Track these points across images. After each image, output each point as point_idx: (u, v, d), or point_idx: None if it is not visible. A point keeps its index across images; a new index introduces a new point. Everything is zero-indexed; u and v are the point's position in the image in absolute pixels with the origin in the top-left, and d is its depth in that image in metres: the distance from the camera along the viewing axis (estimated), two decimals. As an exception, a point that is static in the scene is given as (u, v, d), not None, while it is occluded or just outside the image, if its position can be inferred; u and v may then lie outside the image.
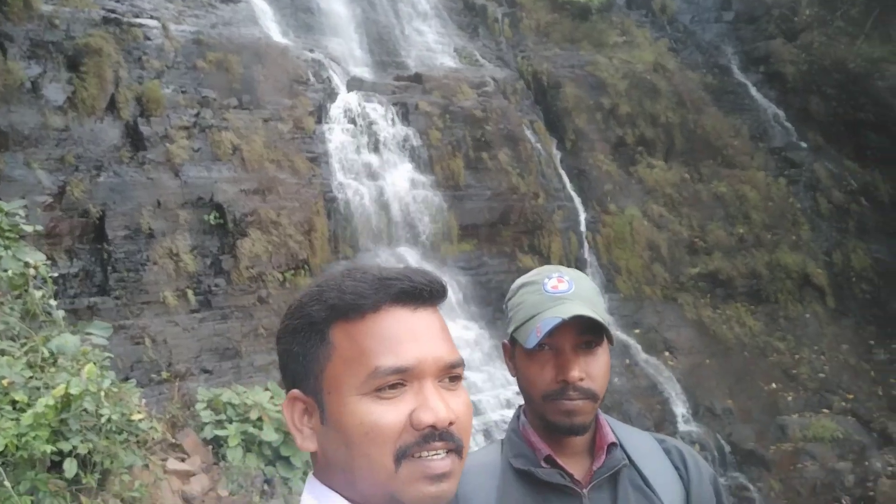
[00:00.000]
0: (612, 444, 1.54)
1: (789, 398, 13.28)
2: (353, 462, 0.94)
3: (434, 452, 0.94)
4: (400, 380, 0.95)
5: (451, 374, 1.00)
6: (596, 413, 1.58)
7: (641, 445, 1.61)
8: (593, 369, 1.49)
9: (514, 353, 1.58)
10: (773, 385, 13.44)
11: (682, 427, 12.27)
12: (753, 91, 17.99)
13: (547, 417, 1.50)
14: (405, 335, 0.96)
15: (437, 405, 0.94)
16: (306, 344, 0.99)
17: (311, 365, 0.99)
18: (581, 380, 1.46)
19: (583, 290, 1.54)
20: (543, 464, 1.50)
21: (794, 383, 13.57)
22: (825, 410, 13.06)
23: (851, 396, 13.46)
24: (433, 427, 0.93)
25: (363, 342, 0.95)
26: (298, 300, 1.03)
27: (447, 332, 1.03)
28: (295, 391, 1.01)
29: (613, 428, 1.58)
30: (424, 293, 1.00)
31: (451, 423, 0.95)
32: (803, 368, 13.80)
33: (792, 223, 15.75)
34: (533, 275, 1.60)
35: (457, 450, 0.96)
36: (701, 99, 16.75)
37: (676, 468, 1.60)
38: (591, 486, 1.49)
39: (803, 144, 17.09)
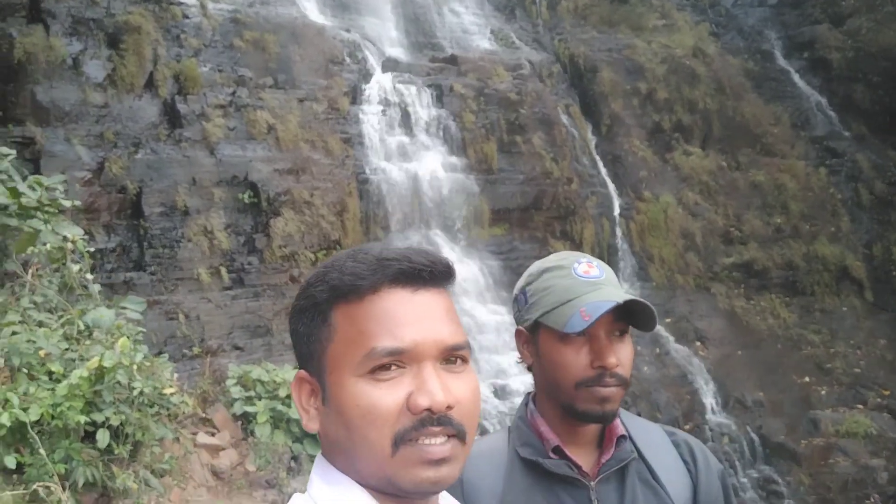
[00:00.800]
0: (622, 437, 1.52)
1: (822, 392, 13.06)
2: (353, 443, 0.94)
3: (433, 438, 0.93)
4: (397, 361, 0.94)
5: (454, 355, 0.98)
6: None
7: (650, 438, 1.59)
8: (623, 356, 1.48)
9: (537, 340, 1.54)
10: (806, 378, 13.23)
11: (710, 418, 12.15)
12: (796, 78, 17.58)
13: (576, 406, 1.47)
14: (403, 317, 0.95)
15: (434, 388, 0.93)
16: (310, 325, 1.00)
17: (314, 346, 0.99)
18: (616, 366, 1.45)
19: (612, 278, 1.53)
20: (552, 454, 1.49)
21: (827, 377, 13.34)
22: (859, 406, 12.83)
23: (887, 392, 13.19)
24: (430, 411, 0.92)
25: (361, 323, 0.95)
26: (306, 282, 1.03)
27: (453, 314, 1.01)
28: (302, 372, 1.02)
29: (623, 420, 1.57)
30: (424, 274, 0.98)
31: (449, 408, 0.93)
32: (838, 362, 13.55)
33: (832, 214, 15.41)
34: (556, 259, 1.57)
35: (458, 435, 0.94)
36: (741, 85, 16.41)
37: (685, 462, 1.58)
38: (598, 478, 1.48)
39: (846, 134, 16.68)
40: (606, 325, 1.46)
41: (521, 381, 10.85)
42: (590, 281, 1.49)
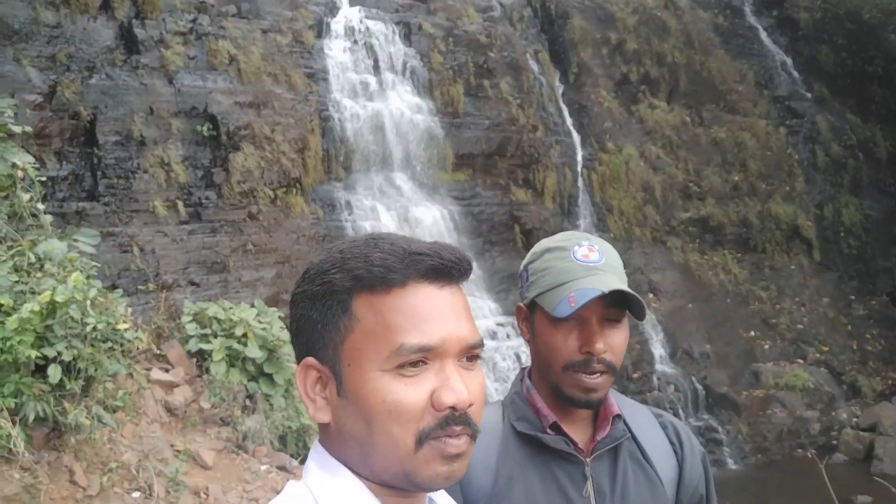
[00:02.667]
0: (617, 416, 1.54)
1: (766, 346, 13.54)
2: (373, 438, 0.93)
3: (453, 434, 0.93)
4: (423, 358, 0.93)
5: (471, 353, 0.98)
6: None
7: (640, 419, 1.62)
8: (615, 343, 1.48)
9: (533, 318, 1.55)
10: (752, 333, 13.68)
11: (658, 367, 12.53)
12: (764, 36, 17.63)
13: (562, 389, 1.49)
14: (431, 313, 0.94)
15: (459, 386, 0.93)
16: (326, 312, 0.96)
17: (330, 334, 0.96)
18: (604, 352, 1.46)
19: (613, 262, 1.52)
20: (549, 430, 1.51)
21: (772, 332, 13.82)
22: (799, 360, 13.36)
23: (826, 349, 13.74)
24: (453, 408, 0.93)
25: (389, 317, 0.93)
26: (317, 266, 0.98)
27: (469, 311, 1.01)
28: (310, 359, 0.98)
29: (615, 399, 1.59)
30: (454, 272, 0.97)
31: (470, 405, 0.94)
32: (783, 318, 14.03)
33: (787, 174, 15.71)
34: (559, 240, 1.56)
35: (473, 433, 0.96)
36: (710, 40, 16.41)
37: (671, 443, 1.61)
38: (593, 455, 1.51)
39: (808, 95, 16.88)
40: (598, 310, 1.46)
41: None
42: (586, 265, 1.48)
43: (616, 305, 1.48)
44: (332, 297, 0.96)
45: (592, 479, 1.49)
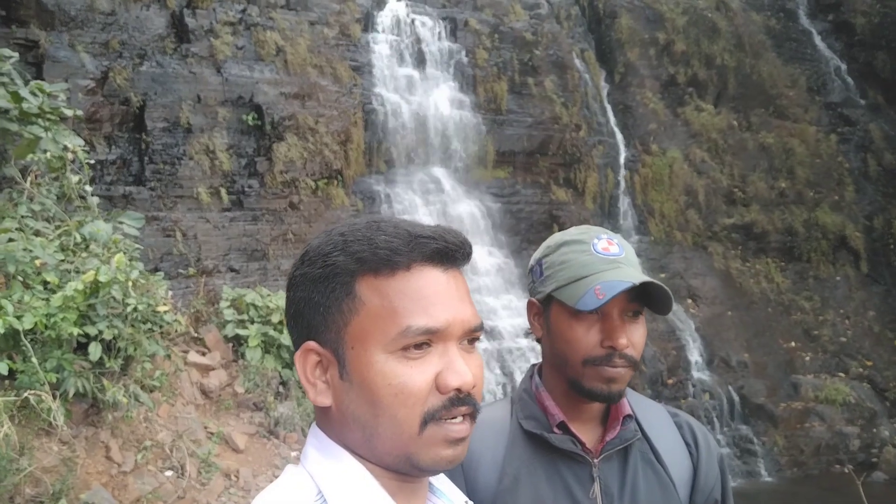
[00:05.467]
0: (627, 416, 1.51)
1: (807, 358, 13.24)
2: (377, 420, 0.93)
3: (458, 417, 0.94)
4: (427, 340, 0.93)
5: (472, 336, 0.98)
6: None
7: (654, 418, 1.58)
8: (635, 337, 1.46)
9: (548, 313, 1.52)
10: (793, 343, 13.38)
11: (694, 374, 12.34)
12: (818, 40, 17.20)
13: (583, 383, 1.45)
14: (436, 296, 0.94)
15: (463, 368, 0.94)
16: (329, 295, 0.96)
17: (333, 317, 0.96)
18: (627, 347, 1.43)
19: (631, 256, 1.48)
20: (556, 429, 1.49)
21: (813, 344, 13.50)
22: (841, 374, 13.02)
23: (870, 363, 13.37)
24: (458, 390, 0.93)
25: (394, 300, 0.93)
26: (318, 248, 0.98)
27: (469, 294, 1.02)
28: (310, 343, 0.98)
29: (628, 398, 1.55)
30: (457, 255, 0.98)
31: (473, 387, 0.95)
32: (825, 330, 13.69)
33: (837, 182, 15.31)
34: (576, 233, 1.53)
35: (473, 414, 0.96)
36: (761, 43, 16.07)
37: (687, 444, 1.57)
38: (601, 456, 1.48)
39: (861, 102, 16.42)
40: (620, 304, 1.44)
41: (511, 325, 10.96)
42: (608, 259, 1.46)
43: (637, 300, 1.45)
44: (335, 280, 0.96)
45: (600, 481, 1.46)
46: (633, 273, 1.43)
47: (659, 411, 1.62)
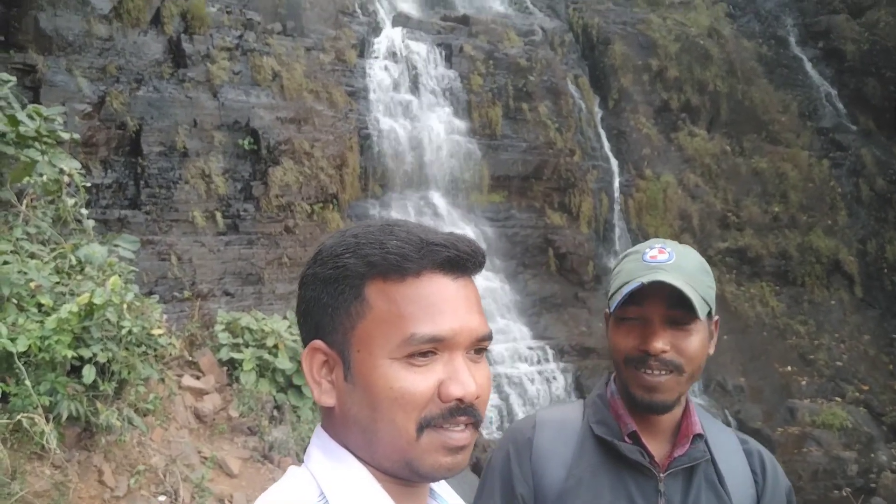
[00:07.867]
0: (698, 435, 1.49)
1: (803, 382, 13.22)
2: (376, 424, 0.93)
3: (458, 426, 0.93)
4: (433, 348, 0.93)
5: (479, 346, 0.98)
6: (686, 398, 1.55)
7: (724, 442, 1.57)
8: (683, 344, 1.43)
9: (609, 321, 1.54)
10: (789, 368, 13.37)
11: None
12: (808, 67, 17.43)
13: (629, 388, 1.47)
14: (444, 304, 0.94)
15: (467, 379, 0.93)
16: (338, 297, 0.95)
17: (340, 319, 0.95)
18: (664, 352, 1.42)
19: (685, 263, 1.47)
20: (627, 438, 1.48)
21: (809, 368, 13.49)
22: (838, 399, 12.99)
23: (866, 388, 13.36)
24: (460, 400, 0.92)
25: (402, 306, 0.93)
26: (330, 249, 0.98)
27: (480, 303, 1.01)
28: (317, 342, 0.98)
29: (700, 418, 1.54)
30: (469, 264, 0.97)
31: (477, 398, 0.94)
32: (821, 354, 13.69)
33: (830, 207, 15.42)
34: (639, 245, 1.56)
35: (476, 424, 0.95)
36: (753, 70, 16.27)
37: (754, 472, 1.56)
38: (668, 471, 1.46)
39: (853, 127, 16.60)
40: (660, 310, 1.43)
41: (506, 349, 10.93)
42: (650, 265, 1.46)
43: (680, 307, 1.42)
44: (344, 282, 0.95)
45: (665, 497, 1.45)
46: (663, 276, 1.42)
47: (729, 436, 1.61)
